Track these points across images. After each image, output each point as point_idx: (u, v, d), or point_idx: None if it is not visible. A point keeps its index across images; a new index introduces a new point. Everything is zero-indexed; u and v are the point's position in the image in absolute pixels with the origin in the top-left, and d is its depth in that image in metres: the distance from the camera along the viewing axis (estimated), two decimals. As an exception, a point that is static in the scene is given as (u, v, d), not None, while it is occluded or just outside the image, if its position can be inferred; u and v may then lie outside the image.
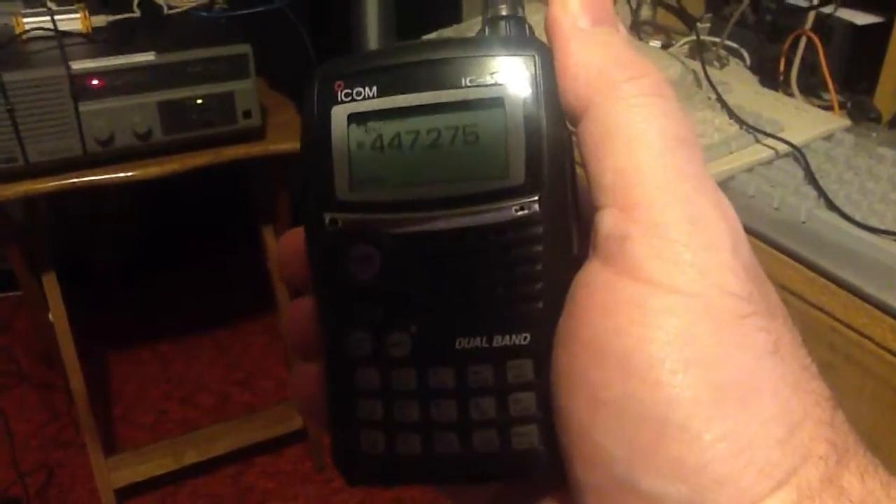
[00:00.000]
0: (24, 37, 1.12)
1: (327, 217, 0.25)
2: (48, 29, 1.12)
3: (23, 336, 1.87)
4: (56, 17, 1.11)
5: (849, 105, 0.93)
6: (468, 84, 0.24)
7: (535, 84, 0.23)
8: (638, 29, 1.24)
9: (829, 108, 0.93)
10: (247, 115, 1.12)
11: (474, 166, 0.24)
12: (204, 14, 1.28)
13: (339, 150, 0.24)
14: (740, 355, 0.20)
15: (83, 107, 1.03)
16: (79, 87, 1.02)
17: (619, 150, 0.22)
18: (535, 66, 0.23)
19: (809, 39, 0.96)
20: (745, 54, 1.07)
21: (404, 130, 0.24)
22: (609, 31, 0.23)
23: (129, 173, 1.09)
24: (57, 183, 1.06)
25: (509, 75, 0.23)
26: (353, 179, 0.24)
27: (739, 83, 0.98)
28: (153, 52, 1.07)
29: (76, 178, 1.07)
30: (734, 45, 1.08)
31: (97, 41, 1.15)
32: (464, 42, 0.24)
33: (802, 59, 0.97)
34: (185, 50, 1.08)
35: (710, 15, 1.16)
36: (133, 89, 1.06)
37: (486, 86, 0.24)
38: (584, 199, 0.24)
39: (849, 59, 0.96)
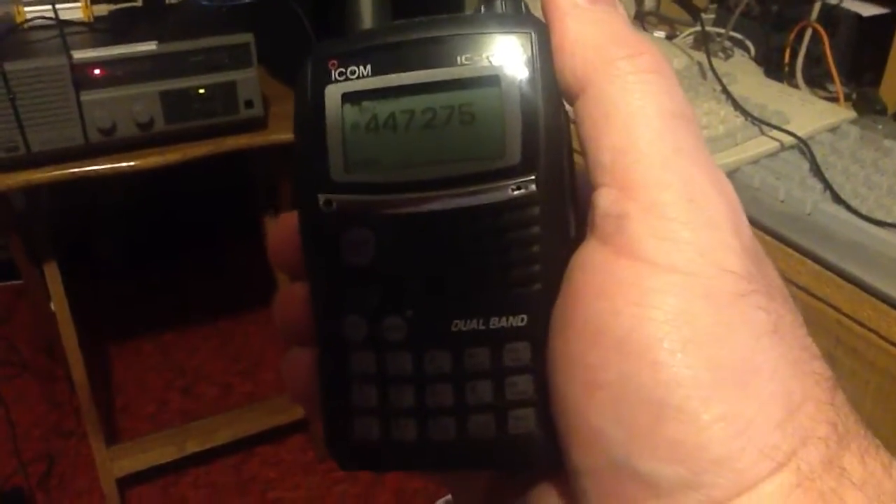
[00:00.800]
0: (26, 25, 1.12)
1: (322, 198, 0.24)
2: (49, 18, 1.11)
3: (24, 325, 1.87)
4: (57, 6, 1.10)
5: (854, 97, 0.93)
6: (463, 62, 0.23)
7: (531, 62, 0.23)
8: (642, 19, 1.23)
9: (834, 99, 0.93)
10: (249, 104, 1.11)
11: (470, 146, 0.23)
12: (206, 3, 1.27)
13: (334, 130, 0.24)
14: (739, 335, 0.20)
15: (85, 96, 1.02)
16: (80, 77, 1.01)
17: (616, 128, 0.21)
18: (531, 43, 0.23)
19: (815, 31, 0.95)
20: (750, 45, 1.07)
21: (399, 110, 0.24)
22: (606, 9, 0.23)
23: (131, 163, 1.09)
24: (58, 172, 1.06)
25: (505, 53, 0.23)
26: (347, 160, 0.24)
27: (744, 74, 0.97)
28: (155, 42, 1.06)
29: (77, 167, 1.07)
30: (739, 36, 1.07)
31: (99, 30, 1.14)
32: (459, 20, 0.24)
33: (808, 50, 0.97)
34: (187, 39, 1.07)
35: (714, 6, 1.16)
36: (135, 79, 1.05)
37: (482, 64, 0.23)
38: (582, 181, 0.23)
39: (854, 50, 0.96)
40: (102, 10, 1.18)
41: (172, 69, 1.07)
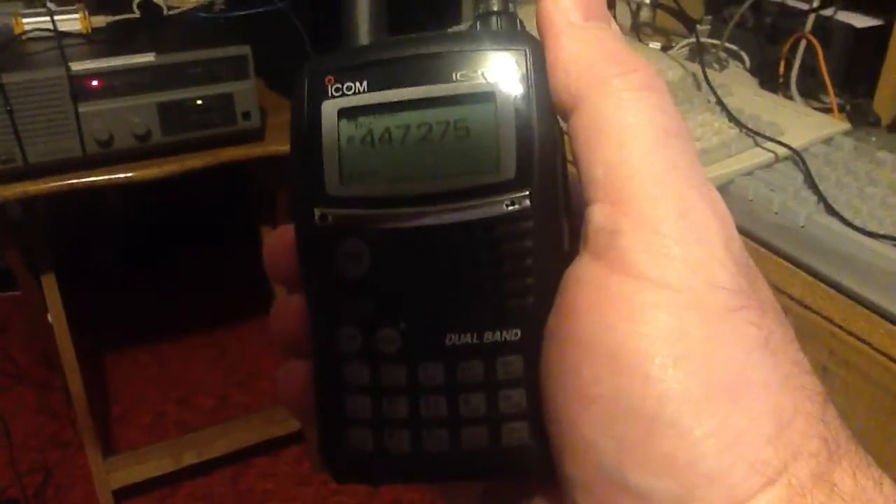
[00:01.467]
0: (24, 37, 1.12)
1: (317, 212, 0.25)
2: (48, 29, 1.11)
3: (21, 336, 1.87)
4: (56, 18, 1.11)
5: (848, 108, 0.93)
6: (458, 78, 0.24)
7: (525, 79, 0.23)
8: (637, 31, 1.24)
9: (828, 111, 0.93)
10: (246, 116, 1.12)
11: (465, 161, 0.24)
12: (203, 15, 1.28)
13: (330, 145, 0.24)
14: (730, 350, 0.20)
15: (82, 107, 1.03)
16: (78, 88, 1.02)
17: (610, 144, 0.22)
18: (525, 60, 0.23)
19: (809, 42, 0.96)
20: (745, 57, 1.07)
21: (394, 125, 0.24)
22: (600, 26, 0.23)
23: (128, 174, 1.09)
24: (56, 184, 1.06)
25: (500, 70, 0.24)
26: (343, 174, 0.24)
27: (739, 86, 0.97)
28: (153, 53, 1.06)
29: (75, 178, 1.07)
30: (734, 47, 1.08)
31: (97, 42, 1.15)
32: (454, 37, 0.24)
33: (802, 61, 0.97)
34: (185, 51, 1.08)
35: (709, 17, 1.16)
36: (132, 90, 1.05)
37: (477, 80, 0.24)
38: (576, 196, 0.24)
39: (848, 62, 0.96)
40: (100, 21, 1.19)
41: (170, 81, 1.07)
